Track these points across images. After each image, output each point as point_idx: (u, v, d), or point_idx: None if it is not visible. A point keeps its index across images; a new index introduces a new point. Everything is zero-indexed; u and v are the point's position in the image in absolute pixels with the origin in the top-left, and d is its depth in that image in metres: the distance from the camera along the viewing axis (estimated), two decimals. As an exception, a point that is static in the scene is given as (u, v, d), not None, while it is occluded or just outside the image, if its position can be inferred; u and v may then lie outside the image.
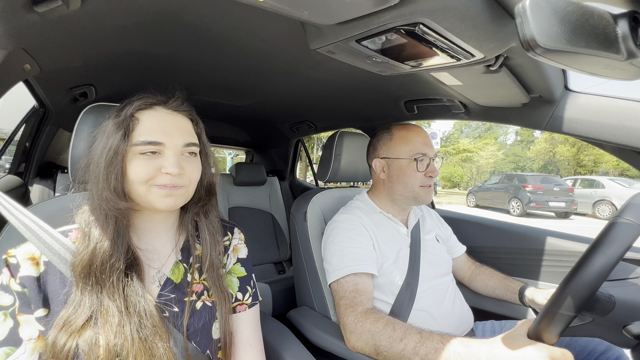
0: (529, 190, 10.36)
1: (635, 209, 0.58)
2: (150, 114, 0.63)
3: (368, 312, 0.85)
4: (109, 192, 0.58)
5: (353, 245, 0.99)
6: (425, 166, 1.06)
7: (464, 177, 31.00)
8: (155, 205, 0.61)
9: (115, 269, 0.58)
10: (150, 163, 0.60)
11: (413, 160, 1.05)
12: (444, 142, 30.32)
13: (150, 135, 0.60)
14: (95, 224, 0.59)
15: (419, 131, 1.10)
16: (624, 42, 0.42)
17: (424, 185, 1.06)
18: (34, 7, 0.61)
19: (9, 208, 0.60)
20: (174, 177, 0.60)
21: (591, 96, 0.88)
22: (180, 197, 0.63)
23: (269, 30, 0.83)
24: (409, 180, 1.06)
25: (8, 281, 0.56)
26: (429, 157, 1.06)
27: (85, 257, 0.56)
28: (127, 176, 0.59)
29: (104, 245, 0.57)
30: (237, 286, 0.75)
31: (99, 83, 1.21)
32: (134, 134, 0.60)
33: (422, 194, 1.06)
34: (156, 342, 0.56)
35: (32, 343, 0.54)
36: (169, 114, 0.64)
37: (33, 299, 0.56)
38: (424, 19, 0.56)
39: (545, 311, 0.61)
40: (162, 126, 0.62)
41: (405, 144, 1.08)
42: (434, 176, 1.07)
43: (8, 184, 1.44)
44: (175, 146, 0.62)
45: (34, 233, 0.58)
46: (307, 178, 11.58)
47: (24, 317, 0.55)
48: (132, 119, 0.61)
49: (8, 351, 0.53)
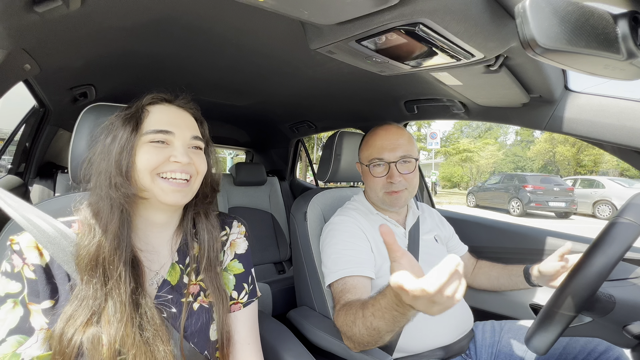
0: (529, 190, 10.36)
1: (636, 209, 0.58)
2: (159, 108, 0.66)
3: (340, 309, 0.87)
4: (121, 178, 0.59)
5: (348, 248, 0.99)
6: (382, 172, 1.03)
7: (464, 177, 30.99)
8: (160, 198, 0.61)
9: (121, 261, 0.58)
10: (159, 151, 0.61)
11: (369, 166, 1.05)
12: (444, 142, 30.31)
13: (160, 124, 0.63)
14: (100, 216, 0.59)
15: (383, 134, 1.05)
16: (624, 42, 0.42)
17: (388, 191, 1.03)
18: (34, 7, 0.61)
19: (9, 202, 0.60)
20: (183, 166, 0.61)
21: (591, 96, 0.88)
22: (187, 192, 0.64)
23: (269, 31, 0.83)
24: (372, 185, 1.06)
25: (20, 267, 0.55)
26: (387, 162, 1.02)
27: (91, 250, 0.56)
28: (136, 164, 0.60)
29: (109, 237, 0.57)
30: (233, 284, 0.74)
31: (99, 83, 1.21)
32: (144, 125, 0.62)
33: (388, 200, 1.04)
34: (157, 344, 0.56)
35: (44, 333, 0.54)
36: (177, 109, 0.67)
37: (42, 288, 0.55)
38: (424, 19, 0.56)
39: (545, 312, 0.61)
40: (171, 118, 0.65)
41: (366, 149, 1.08)
42: (394, 182, 1.00)
43: (8, 184, 1.44)
44: (183, 137, 0.64)
45: (35, 226, 0.57)
46: (307, 178, 11.58)
47: (34, 307, 0.54)
48: (143, 110, 0.64)
49: (20, 340, 0.52)
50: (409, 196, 1.05)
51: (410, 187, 1.04)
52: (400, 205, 1.06)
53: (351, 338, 0.82)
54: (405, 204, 1.08)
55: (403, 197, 1.04)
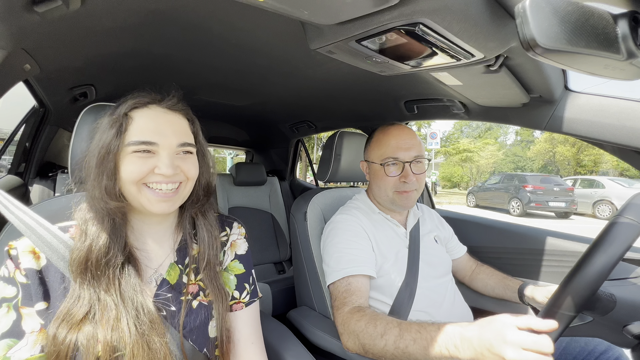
0: (529, 190, 10.36)
1: (636, 209, 0.58)
2: (144, 113, 0.62)
3: (352, 311, 0.86)
4: (99, 191, 0.58)
5: (350, 247, 0.99)
6: (396, 171, 1.03)
7: (464, 177, 30.99)
8: (148, 208, 0.60)
9: (112, 264, 0.58)
10: (143, 162, 0.59)
11: (383, 165, 1.04)
12: (444, 142, 30.31)
13: (143, 135, 0.59)
14: (92, 221, 0.59)
15: (397, 134, 1.05)
16: (624, 42, 0.42)
17: (399, 190, 1.03)
18: (34, 7, 0.61)
19: (7, 206, 0.60)
20: (168, 177, 0.60)
21: (591, 96, 0.88)
22: (176, 200, 0.63)
23: (269, 30, 0.83)
24: (382, 184, 1.05)
25: (13, 272, 0.56)
26: (401, 162, 1.02)
27: (82, 253, 0.57)
28: (120, 175, 0.59)
29: (99, 242, 0.58)
30: (235, 284, 0.74)
31: (99, 83, 1.21)
32: (127, 134, 0.59)
33: (398, 199, 1.04)
34: (153, 337, 0.57)
35: (34, 336, 0.54)
36: (164, 112, 0.63)
37: (34, 292, 0.56)
38: (424, 19, 0.56)
39: (546, 311, 0.61)
40: (156, 126, 0.61)
41: (379, 148, 1.07)
42: (408, 182, 1.00)
43: (8, 184, 1.44)
44: (169, 146, 0.61)
45: (32, 230, 0.58)
46: (307, 178, 11.58)
47: (26, 310, 0.55)
48: (126, 117, 0.60)
49: (10, 343, 0.53)
50: (417, 196, 1.06)
51: (419, 187, 1.04)
52: (410, 206, 1.06)
53: (365, 345, 0.78)
54: (414, 204, 1.09)
55: (413, 197, 1.04)
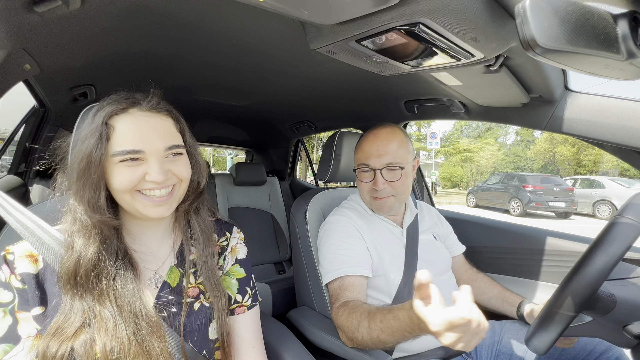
0: (529, 190, 10.36)
1: (636, 209, 0.58)
2: (125, 120, 0.58)
3: (339, 307, 0.88)
4: (83, 205, 0.56)
5: (343, 248, 0.99)
6: (368, 177, 1.03)
7: (464, 177, 30.97)
8: (144, 213, 0.59)
9: (103, 276, 0.56)
10: (133, 171, 0.57)
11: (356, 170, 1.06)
12: (444, 142, 30.34)
13: (128, 143, 0.56)
14: (77, 234, 0.57)
15: (372, 139, 1.04)
16: (624, 42, 0.42)
17: (374, 196, 1.03)
18: (34, 7, 0.61)
19: (6, 207, 0.60)
20: (160, 184, 0.59)
21: (591, 96, 0.88)
22: (172, 203, 0.62)
23: (269, 30, 0.83)
24: (360, 188, 1.08)
25: (8, 278, 0.55)
26: (372, 169, 1.01)
27: (70, 268, 0.55)
28: (111, 185, 0.57)
29: (87, 255, 0.55)
30: (236, 288, 0.74)
31: (99, 83, 1.21)
32: (111, 144, 0.56)
33: (374, 204, 1.05)
34: (152, 342, 0.56)
35: (30, 341, 0.54)
36: (145, 116, 0.59)
37: (31, 296, 0.55)
38: (424, 19, 0.56)
39: (545, 311, 0.61)
40: (139, 132, 0.57)
41: (357, 152, 1.09)
42: (377, 189, 0.99)
43: (8, 184, 1.44)
44: (156, 152, 0.58)
45: (31, 232, 0.57)
46: (307, 178, 11.58)
47: (23, 315, 0.55)
48: (107, 127, 0.56)
49: (7, 348, 0.53)
50: (395, 202, 1.04)
51: (398, 193, 1.02)
52: (385, 211, 1.06)
53: (351, 339, 0.84)
54: (391, 209, 1.06)
55: (388, 204, 1.03)
